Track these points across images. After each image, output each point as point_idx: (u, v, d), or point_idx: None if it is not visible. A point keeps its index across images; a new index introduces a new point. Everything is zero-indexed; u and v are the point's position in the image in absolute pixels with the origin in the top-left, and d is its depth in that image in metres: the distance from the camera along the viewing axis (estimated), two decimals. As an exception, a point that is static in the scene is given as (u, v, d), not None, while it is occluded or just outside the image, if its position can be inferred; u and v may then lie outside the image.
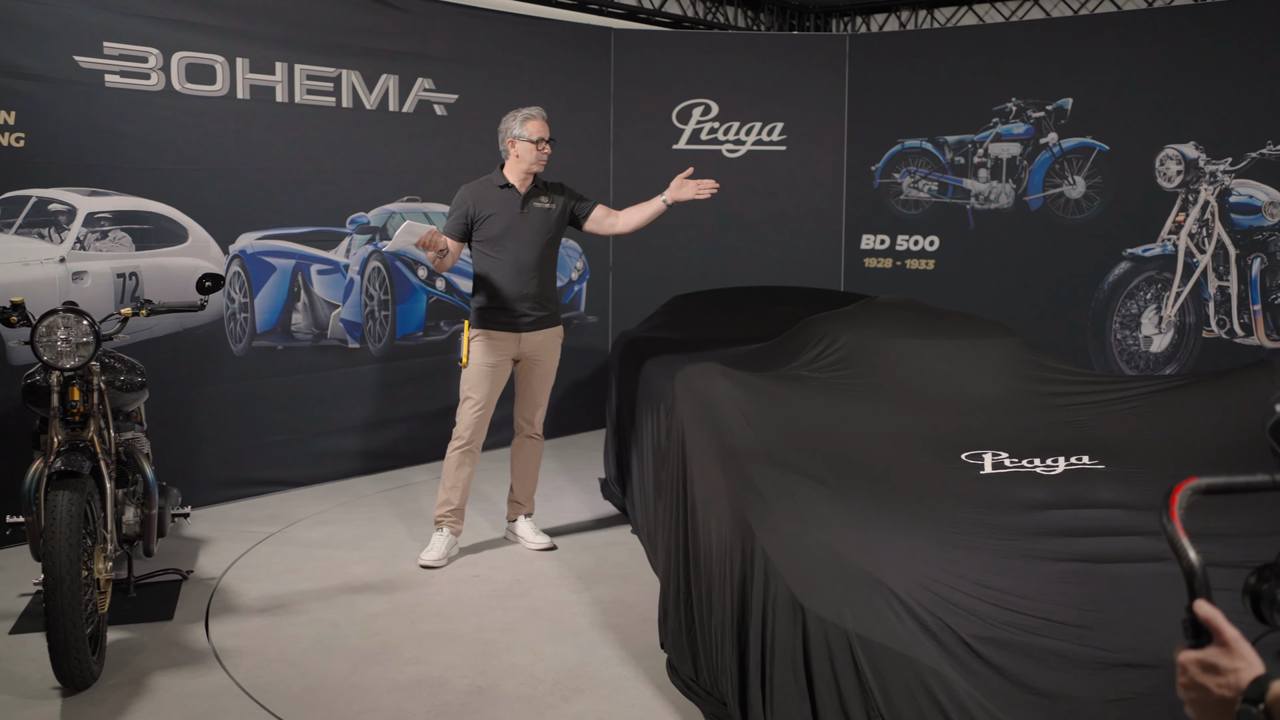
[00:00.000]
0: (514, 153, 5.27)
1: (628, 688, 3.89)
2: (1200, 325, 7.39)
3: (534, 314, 5.28)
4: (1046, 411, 4.36)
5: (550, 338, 5.39)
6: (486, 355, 5.21)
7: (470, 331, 5.27)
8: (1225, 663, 1.49)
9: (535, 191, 5.32)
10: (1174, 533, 1.64)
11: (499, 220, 5.21)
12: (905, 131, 8.40)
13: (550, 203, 5.35)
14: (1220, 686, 1.47)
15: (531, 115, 5.28)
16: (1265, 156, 7.07)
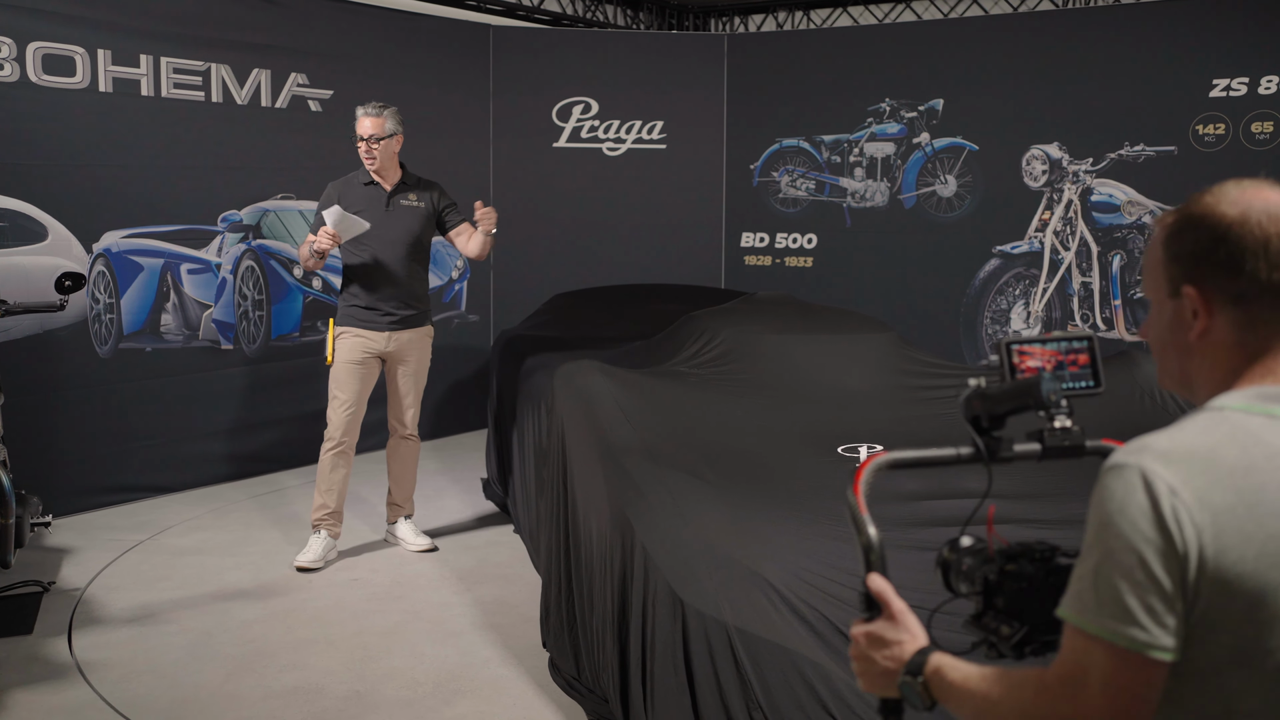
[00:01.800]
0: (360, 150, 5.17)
1: (510, 688, 3.86)
2: (1065, 320, 7.65)
3: (399, 313, 5.17)
4: (920, 404, 4.46)
5: (417, 338, 5.27)
6: (351, 353, 5.11)
7: (335, 329, 5.16)
8: (891, 635, 1.53)
9: (403, 188, 5.20)
10: (855, 507, 1.70)
11: (364, 217, 5.06)
12: (783, 130, 8.51)
13: (419, 201, 5.23)
14: (886, 658, 1.52)
15: (360, 113, 5.13)
16: (1123, 157, 7.35)
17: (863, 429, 4.13)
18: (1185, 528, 1.22)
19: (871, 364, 4.68)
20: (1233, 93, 7.01)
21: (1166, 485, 1.23)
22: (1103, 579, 1.25)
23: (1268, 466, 1.26)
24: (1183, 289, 1.38)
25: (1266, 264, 1.32)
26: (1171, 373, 1.46)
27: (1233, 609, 1.22)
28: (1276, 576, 1.23)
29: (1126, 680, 1.23)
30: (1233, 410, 1.32)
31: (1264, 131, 6.92)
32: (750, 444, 3.95)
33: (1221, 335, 1.37)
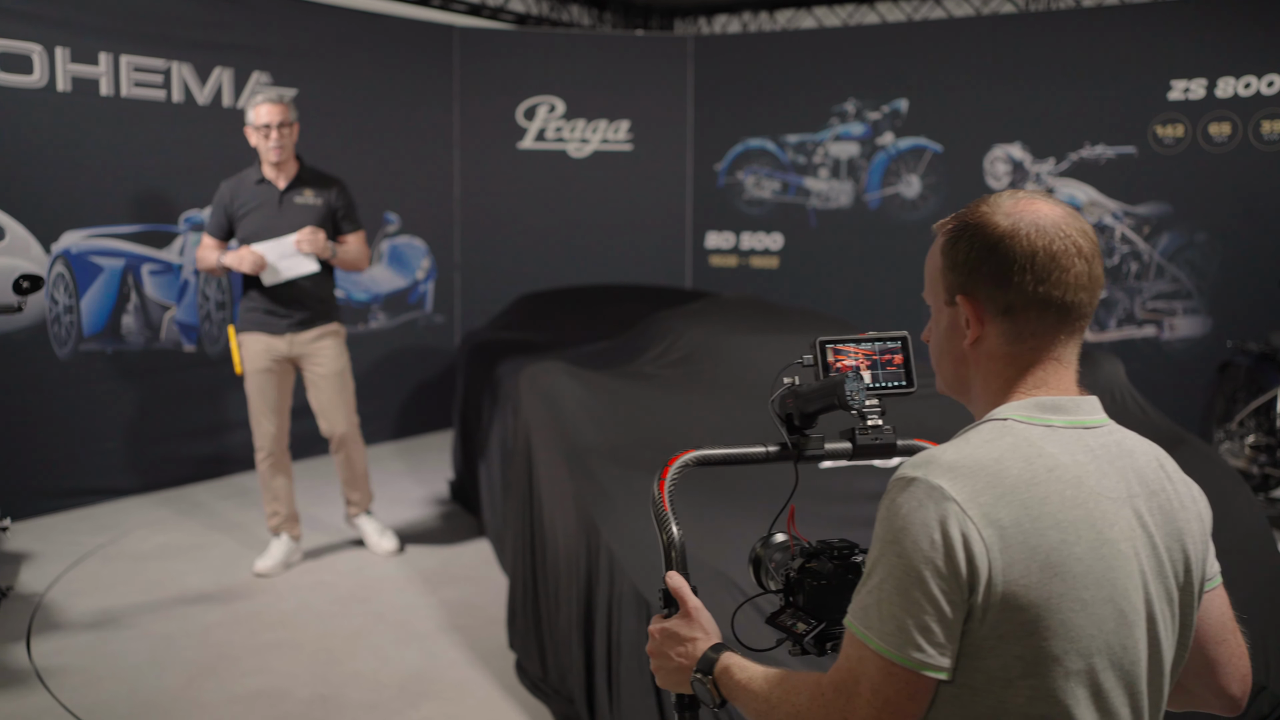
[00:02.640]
0: (252, 142, 4.84)
1: (475, 690, 3.85)
2: (1028, 319, 7.70)
3: (297, 314, 4.90)
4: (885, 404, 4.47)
5: (321, 337, 4.99)
6: (258, 360, 4.89)
7: (236, 337, 4.92)
8: (685, 632, 1.56)
9: (299, 184, 4.92)
10: (658, 504, 1.74)
11: (256, 217, 4.83)
12: (748, 131, 8.53)
13: (316, 198, 4.93)
14: (679, 655, 1.55)
15: (259, 99, 4.78)
16: (1084, 158, 7.42)
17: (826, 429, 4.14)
18: (973, 545, 1.23)
19: (836, 364, 4.69)
20: (1190, 95, 7.09)
21: (954, 502, 1.24)
22: (885, 595, 1.26)
23: (1049, 479, 1.28)
24: (956, 298, 1.40)
25: (1033, 277, 1.34)
26: (948, 379, 1.48)
27: (1021, 620, 1.24)
28: (1058, 586, 1.25)
29: (894, 694, 1.25)
30: (1015, 421, 1.34)
31: (1222, 134, 7.01)
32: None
33: (993, 345, 1.39)
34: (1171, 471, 1.40)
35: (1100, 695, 1.28)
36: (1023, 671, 1.26)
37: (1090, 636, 1.27)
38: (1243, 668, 1.48)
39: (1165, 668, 1.36)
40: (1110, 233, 7.40)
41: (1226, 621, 1.47)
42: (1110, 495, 1.31)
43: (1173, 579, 1.36)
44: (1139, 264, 7.34)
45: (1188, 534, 1.37)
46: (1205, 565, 1.41)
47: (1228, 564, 3.50)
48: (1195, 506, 1.40)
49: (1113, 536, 1.30)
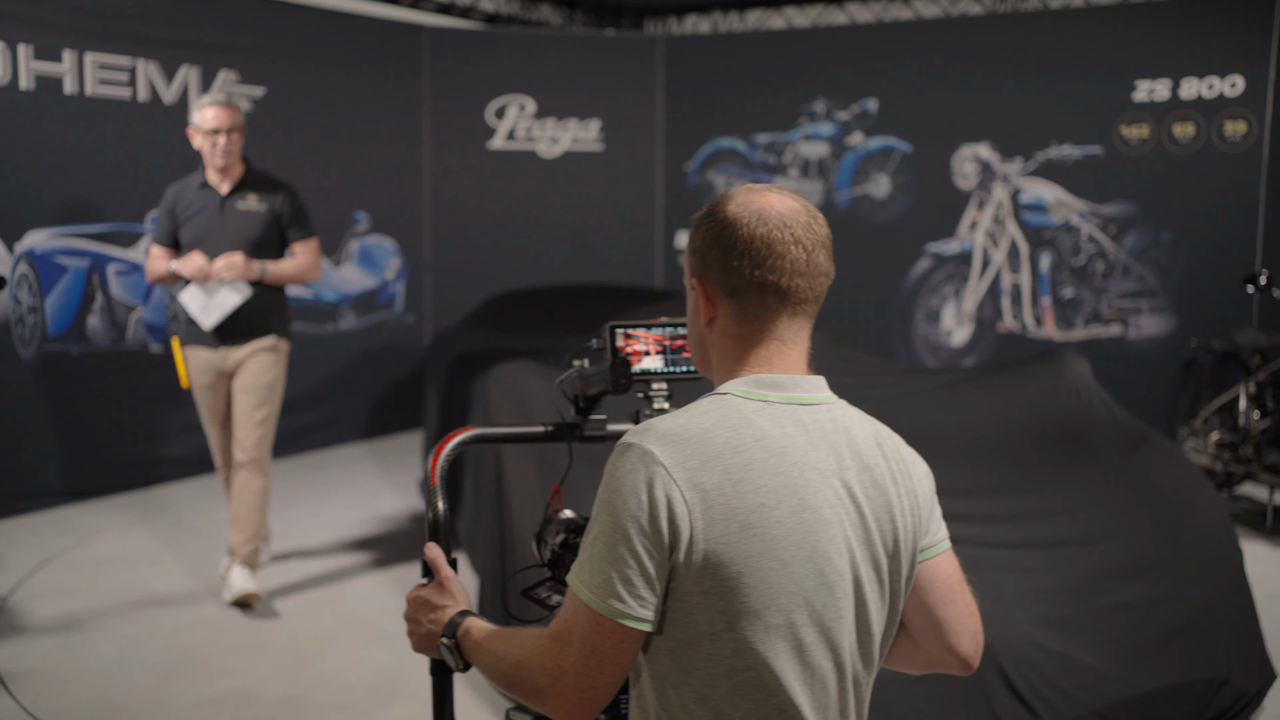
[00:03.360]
0: (195, 144, 4.57)
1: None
2: (996, 319, 7.77)
3: (231, 327, 4.56)
4: (853, 402, 4.49)
5: (256, 352, 4.62)
6: (200, 375, 4.64)
7: (180, 349, 4.67)
8: (437, 600, 1.66)
9: (243, 189, 4.61)
10: (428, 478, 1.82)
11: (197, 223, 4.55)
12: (719, 131, 8.55)
13: (260, 204, 4.62)
14: (430, 621, 1.64)
15: (206, 102, 4.52)
16: (1051, 158, 7.48)
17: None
18: (675, 506, 1.35)
19: (805, 363, 4.71)
20: (1155, 96, 7.17)
21: (661, 466, 1.36)
22: (597, 550, 1.37)
23: (754, 447, 1.39)
24: (693, 280, 1.53)
25: (750, 262, 1.45)
26: (696, 358, 1.59)
27: (722, 577, 1.35)
28: (757, 545, 1.36)
29: (600, 643, 1.37)
30: (734, 395, 1.45)
31: (1186, 135, 7.08)
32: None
33: (724, 325, 1.50)
34: (889, 450, 1.50)
35: (802, 649, 1.39)
36: (726, 625, 1.37)
37: (789, 594, 1.38)
38: (971, 626, 1.58)
39: (874, 628, 1.47)
40: (1077, 232, 7.46)
41: (953, 584, 1.56)
42: (818, 466, 1.42)
43: (880, 548, 1.46)
44: (1105, 263, 7.40)
45: (898, 508, 1.47)
46: (918, 536, 1.51)
47: (1191, 559, 3.55)
48: (910, 483, 1.51)
49: (816, 503, 1.40)
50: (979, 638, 1.59)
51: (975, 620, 1.59)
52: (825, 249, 1.50)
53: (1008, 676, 3.08)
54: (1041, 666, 3.12)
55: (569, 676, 1.38)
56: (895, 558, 1.48)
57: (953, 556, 1.59)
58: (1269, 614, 4.20)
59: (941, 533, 1.58)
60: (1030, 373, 4.57)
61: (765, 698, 1.39)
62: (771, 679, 1.38)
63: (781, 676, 1.38)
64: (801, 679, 1.40)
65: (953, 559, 1.59)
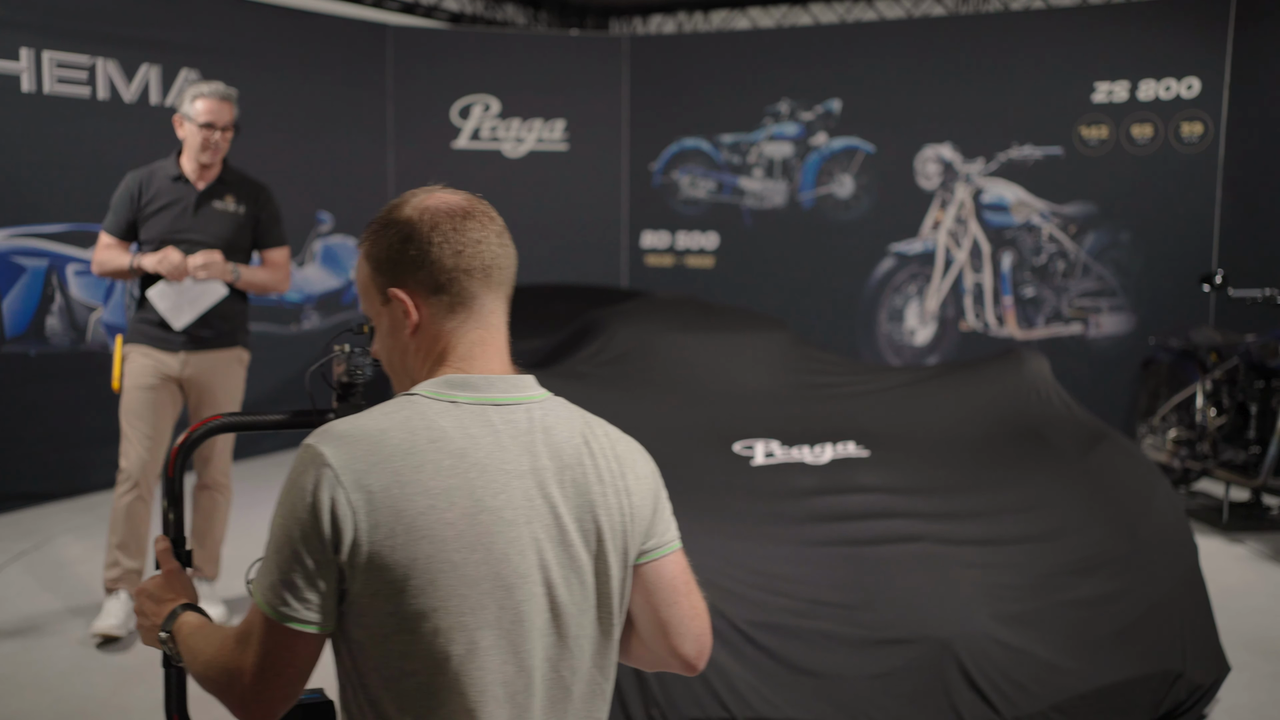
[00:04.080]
0: (181, 133, 4.26)
1: (409, 692, 3.82)
2: (959, 318, 7.83)
3: (199, 332, 4.25)
4: (816, 402, 4.53)
5: (221, 362, 4.33)
6: (141, 377, 4.23)
7: (122, 348, 4.26)
8: (160, 593, 1.67)
9: (219, 189, 4.32)
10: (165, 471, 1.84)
11: (166, 217, 4.22)
12: (683, 131, 8.57)
13: (238, 205, 4.35)
14: (153, 614, 1.65)
15: (205, 92, 4.22)
16: (1012, 158, 7.55)
17: (758, 427, 4.18)
18: (340, 508, 1.34)
19: (768, 362, 4.74)
20: (1114, 97, 7.25)
21: (330, 468, 1.36)
22: (269, 554, 1.39)
23: (429, 449, 1.38)
24: (389, 292, 1.49)
25: (450, 249, 1.46)
26: (401, 378, 1.55)
27: (389, 579, 1.35)
28: (425, 548, 1.36)
29: (273, 646, 1.38)
30: (422, 396, 1.44)
31: (1144, 136, 7.17)
32: (648, 443, 3.95)
33: (430, 327, 1.49)
34: (598, 449, 1.49)
35: (478, 653, 1.38)
36: (396, 627, 1.36)
37: (461, 596, 1.37)
38: (695, 629, 1.57)
39: (572, 630, 1.46)
40: (1038, 232, 7.53)
41: (678, 586, 1.56)
42: (504, 468, 1.41)
43: (581, 548, 1.45)
44: (1066, 263, 7.48)
45: (602, 507, 1.46)
46: (632, 536, 1.50)
47: (1147, 555, 3.59)
48: (621, 482, 1.50)
49: (495, 505, 1.39)
50: (703, 640, 1.58)
51: (700, 623, 1.58)
52: (506, 232, 1.53)
53: (968, 672, 3.11)
54: (1001, 662, 3.15)
55: (246, 678, 1.39)
56: (601, 558, 1.47)
57: (681, 558, 1.58)
58: (1223, 608, 4.26)
59: (669, 534, 1.57)
60: (991, 371, 4.60)
61: (437, 704, 1.38)
62: (443, 683, 1.38)
63: (455, 680, 1.38)
64: (478, 683, 1.39)
65: (680, 561, 1.57)
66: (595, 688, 1.50)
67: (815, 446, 4.02)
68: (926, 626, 3.16)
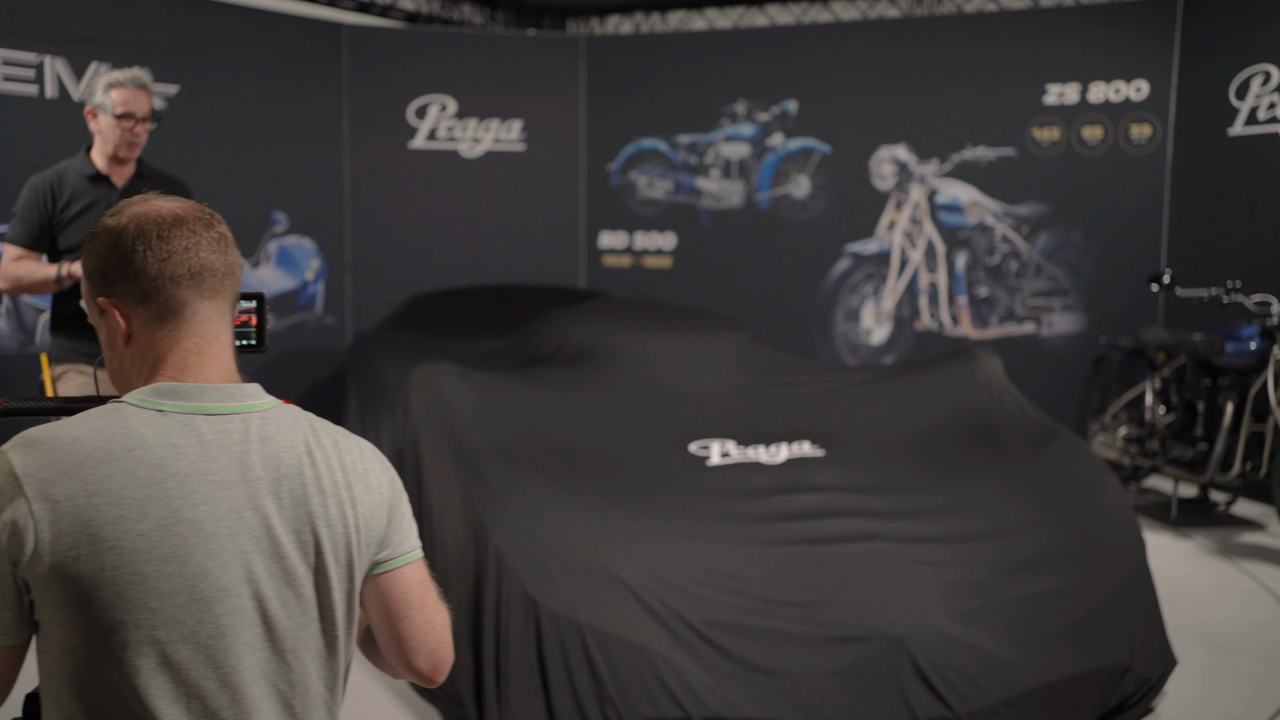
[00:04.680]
0: (94, 126, 3.93)
1: (363, 695, 3.81)
2: (914, 318, 7.90)
3: None
4: (772, 402, 4.55)
5: None
6: (88, 390, 3.92)
7: (52, 369, 3.94)
8: None
9: (140, 185, 4.00)
10: None
11: (89, 220, 3.88)
12: (641, 131, 8.58)
13: None
14: None
15: (120, 81, 3.89)
16: (966, 160, 7.63)
17: (715, 427, 4.20)
18: (20, 519, 1.31)
19: (724, 362, 4.76)
20: (1065, 99, 7.34)
21: (14, 477, 1.33)
22: None
23: (125, 457, 1.36)
24: (99, 302, 1.48)
25: (154, 257, 1.44)
26: (122, 385, 1.54)
27: (75, 591, 1.32)
28: (113, 560, 1.33)
29: None
30: (128, 404, 1.42)
31: (1094, 137, 7.26)
32: (605, 444, 3.99)
33: (141, 336, 1.48)
34: (322, 460, 1.48)
35: (171, 667, 1.35)
36: (84, 640, 1.33)
37: (151, 610, 1.34)
38: (429, 643, 1.56)
39: (288, 643, 1.43)
40: (991, 232, 7.61)
41: (410, 599, 1.55)
42: (210, 478, 1.38)
43: (298, 560, 1.43)
44: (1019, 263, 7.56)
45: (322, 519, 1.45)
46: (357, 548, 1.49)
47: (1097, 551, 3.64)
48: (347, 493, 1.48)
49: (195, 517, 1.36)
50: (438, 654, 1.57)
51: (434, 637, 1.57)
52: (226, 240, 1.50)
53: (922, 669, 3.14)
54: (954, 658, 3.18)
55: None
56: (321, 570, 1.45)
57: (418, 570, 1.57)
58: (1171, 602, 4.34)
59: (404, 546, 1.56)
60: (944, 371, 4.65)
61: (130, 717, 1.35)
62: (133, 697, 1.34)
63: (144, 695, 1.34)
64: (173, 698, 1.36)
65: (416, 573, 1.56)
66: (323, 702, 1.48)
67: (771, 446, 4.05)
68: (881, 624, 3.19)
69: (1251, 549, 5.51)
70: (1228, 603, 4.75)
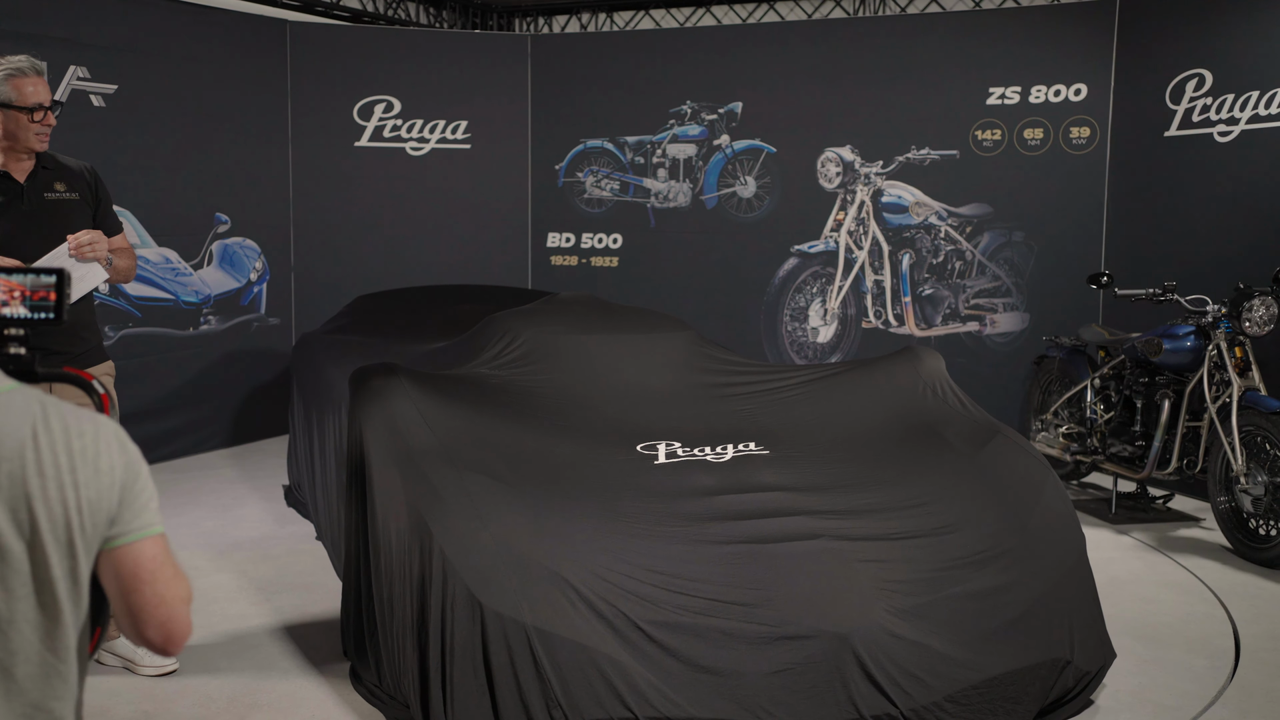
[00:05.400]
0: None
1: (309, 699, 3.78)
2: (860, 316, 7.96)
3: (65, 350, 3.75)
4: (717, 401, 4.57)
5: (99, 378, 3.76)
6: None
7: None
8: None
9: (45, 177, 3.81)
10: None
11: (2, 223, 3.70)
12: (587, 131, 8.58)
13: (70, 191, 3.85)
14: None
15: (20, 69, 3.66)
16: (910, 160, 7.71)
17: (661, 428, 4.21)
18: None
19: (670, 362, 4.78)
20: (1006, 101, 7.44)
21: None
22: None
23: None
24: None
25: None
26: None
27: None
28: None
29: None
30: None
31: (1035, 138, 7.37)
32: (551, 444, 3.98)
33: None
34: (45, 444, 1.55)
35: None
36: None
37: None
38: (159, 617, 1.66)
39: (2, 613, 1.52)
40: (936, 232, 7.70)
41: (141, 574, 1.64)
42: None
43: (14, 539, 1.52)
44: (962, 262, 7.65)
45: (39, 499, 1.53)
46: (79, 529, 1.57)
47: (1037, 547, 3.69)
48: (69, 475, 1.56)
49: None
50: (170, 628, 1.66)
51: (165, 610, 1.66)
52: None
53: (865, 666, 3.17)
54: (897, 655, 3.22)
55: None
56: (38, 548, 1.53)
57: (151, 546, 1.65)
58: (1110, 596, 4.41)
59: (136, 523, 1.64)
60: (887, 370, 4.69)
61: None
62: None
63: None
64: None
65: (148, 549, 1.65)
66: (49, 669, 1.56)
67: (717, 446, 4.07)
68: (824, 622, 3.22)
69: (1188, 543, 5.62)
70: (1165, 596, 4.84)
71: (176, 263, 7.28)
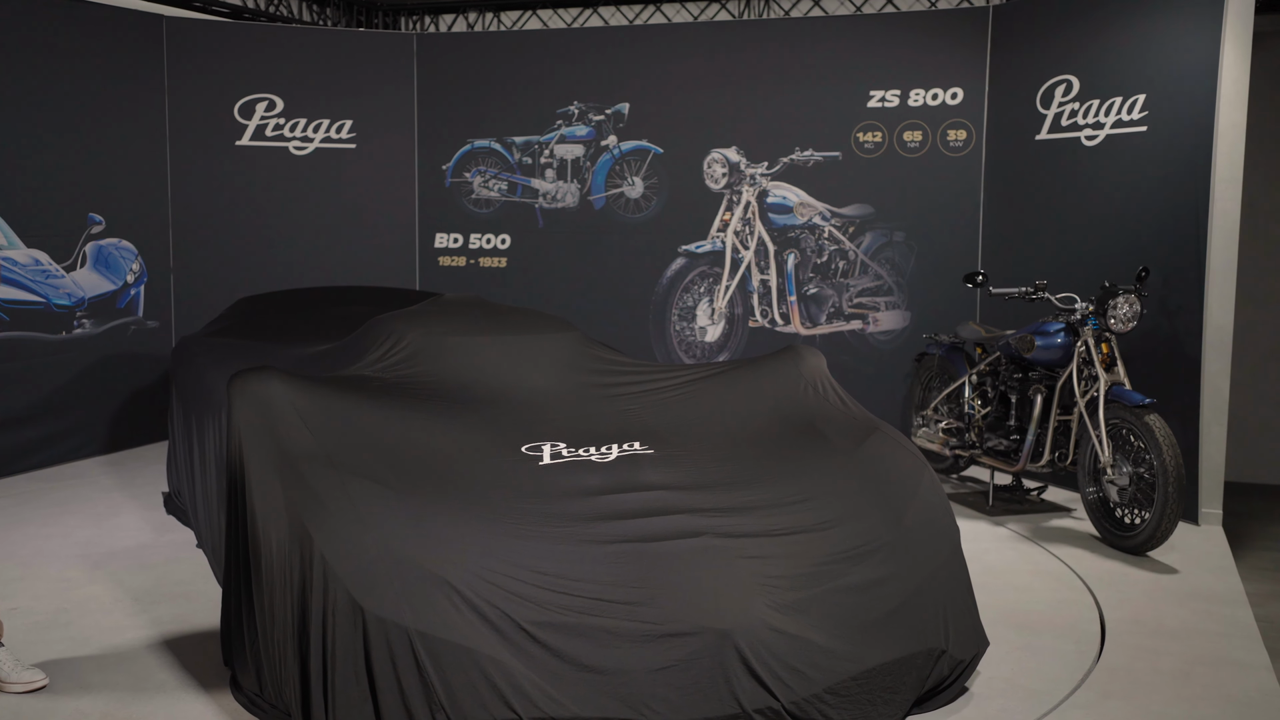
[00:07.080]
0: None
1: (187, 711, 3.70)
2: (747, 316, 8.07)
3: None
4: (603, 402, 4.59)
5: None
6: None
7: None
8: None
9: None
10: None
11: None
12: (475, 131, 8.53)
13: None
14: None
15: None
16: (794, 162, 7.83)
17: (546, 428, 4.22)
18: None
19: (555, 363, 4.79)
20: (886, 104, 7.61)
21: None
22: None
23: None
24: None
25: None
26: None
27: None
28: None
29: None
30: None
31: (914, 141, 7.55)
32: (435, 446, 3.96)
33: None
34: None
35: None
36: None
37: None
38: None
39: None
40: (820, 232, 7.83)
41: None
42: None
43: None
44: (845, 262, 7.80)
45: None
46: None
47: (913, 540, 3.79)
48: None
49: None
50: None
51: None
52: None
53: (747, 661, 3.22)
54: (778, 649, 3.28)
55: None
56: None
57: None
58: (985, 586, 4.55)
59: None
60: (769, 368, 4.76)
61: None
62: None
63: None
64: None
65: None
66: None
67: (602, 446, 4.09)
68: (706, 618, 3.26)
69: (1059, 533, 5.82)
70: (1036, 584, 5.01)
71: (47, 264, 7.05)
